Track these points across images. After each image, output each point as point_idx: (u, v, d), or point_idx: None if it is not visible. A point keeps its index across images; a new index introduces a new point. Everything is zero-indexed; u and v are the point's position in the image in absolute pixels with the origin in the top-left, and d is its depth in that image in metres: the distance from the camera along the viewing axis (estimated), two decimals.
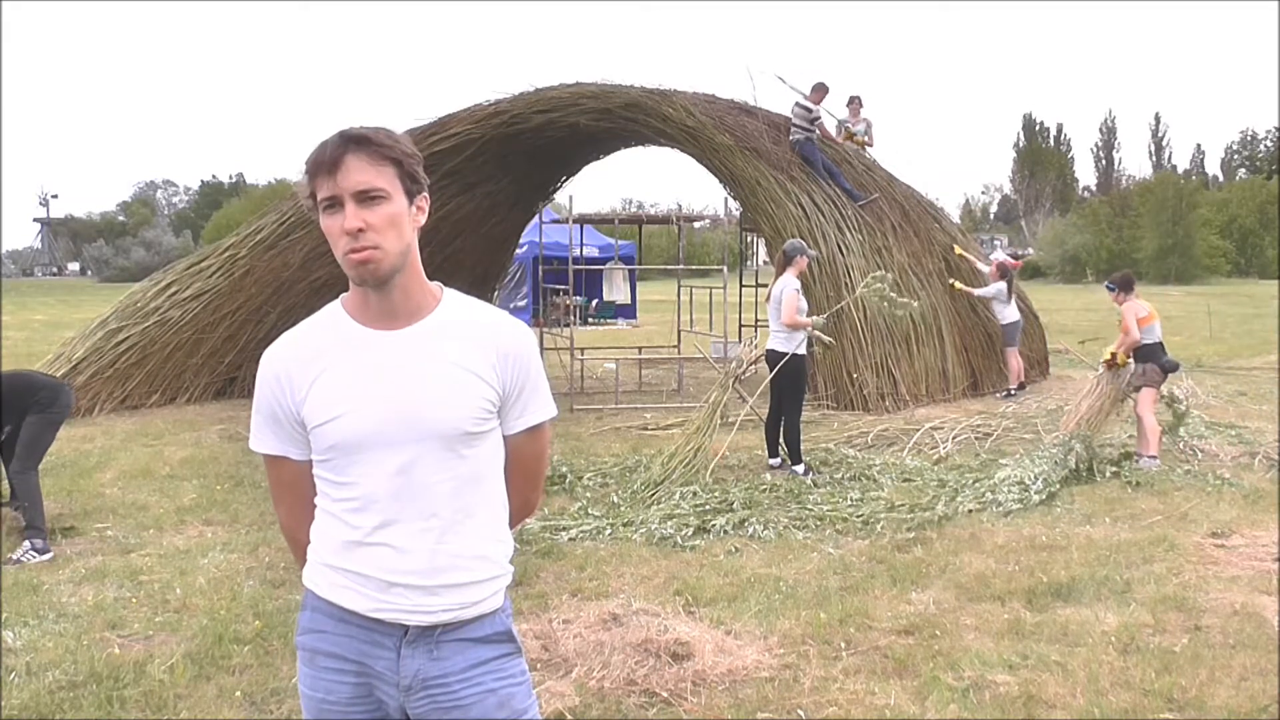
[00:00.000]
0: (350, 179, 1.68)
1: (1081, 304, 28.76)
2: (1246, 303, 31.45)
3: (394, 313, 1.76)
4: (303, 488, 1.84)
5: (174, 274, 11.66)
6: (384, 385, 1.73)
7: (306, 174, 1.72)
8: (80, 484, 7.24)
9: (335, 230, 1.70)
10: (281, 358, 1.78)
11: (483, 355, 1.78)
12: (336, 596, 1.76)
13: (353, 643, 1.76)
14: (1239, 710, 3.57)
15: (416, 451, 1.73)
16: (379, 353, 1.75)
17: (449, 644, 1.77)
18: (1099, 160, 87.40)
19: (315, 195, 1.72)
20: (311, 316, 1.83)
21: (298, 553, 1.91)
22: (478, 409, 1.77)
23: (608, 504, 6.53)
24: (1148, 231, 53.72)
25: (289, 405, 1.76)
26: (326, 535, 1.78)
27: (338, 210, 1.69)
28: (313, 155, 1.71)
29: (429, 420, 1.73)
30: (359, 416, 1.72)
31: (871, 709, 3.61)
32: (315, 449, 1.77)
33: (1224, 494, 6.74)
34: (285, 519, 1.91)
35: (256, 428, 1.82)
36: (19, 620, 4.53)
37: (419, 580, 1.73)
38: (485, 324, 1.82)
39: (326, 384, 1.74)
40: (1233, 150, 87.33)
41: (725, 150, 11.62)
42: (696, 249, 50.58)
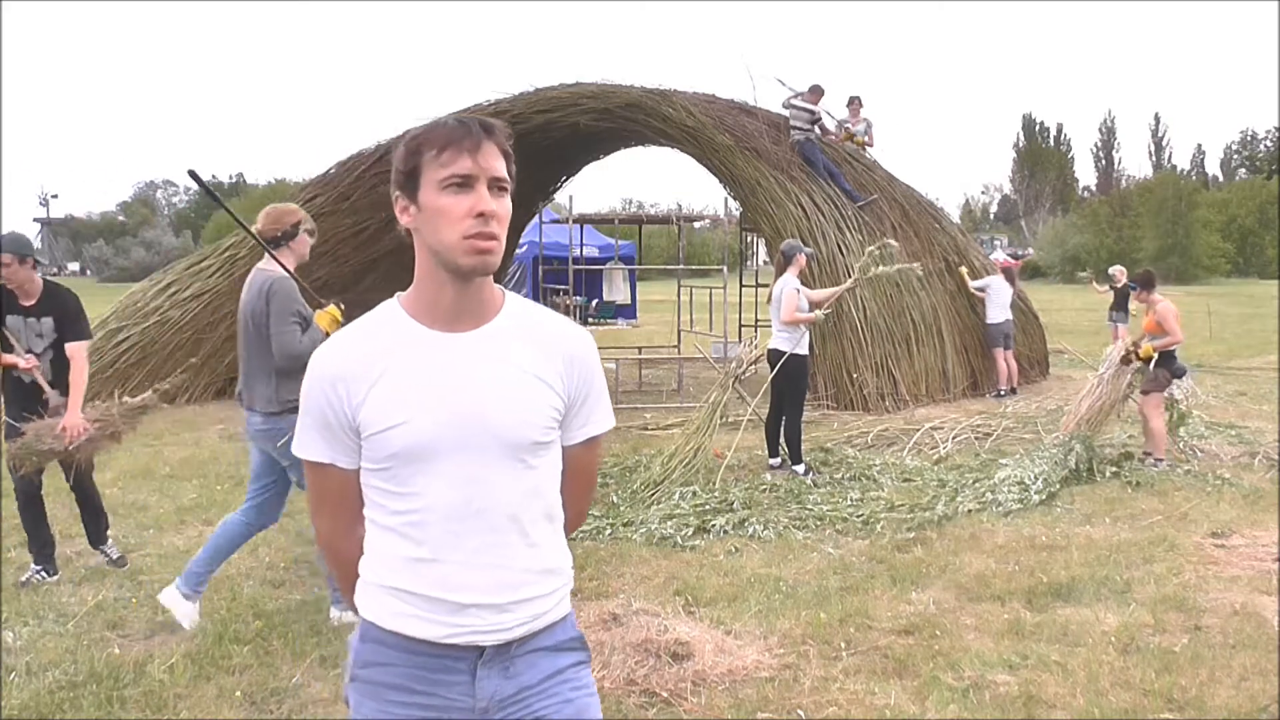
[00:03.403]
0: (490, 163, 1.64)
1: (1081, 304, 28.77)
2: (1246, 303, 31.46)
3: (464, 313, 1.66)
4: (347, 498, 1.72)
5: (174, 274, 11.67)
6: (449, 391, 1.63)
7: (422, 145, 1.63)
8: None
9: (459, 210, 1.60)
10: (336, 359, 1.66)
11: (549, 361, 1.70)
12: (402, 626, 1.64)
13: (422, 673, 1.65)
14: (1239, 710, 3.57)
15: (484, 461, 1.63)
16: (444, 356, 1.65)
17: (523, 658, 1.68)
18: (1099, 160, 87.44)
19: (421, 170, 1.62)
20: (367, 315, 1.71)
21: (338, 566, 1.79)
22: (547, 417, 1.69)
23: (607, 504, 6.53)
24: (1148, 231, 53.74)
25: (343, 410, 1.64)
26: (382, 553, 1.67)
27: (466, 190, 1.61)
28: (441, 131, 1.63)
29: (498, 428, 1.64)
30: (422, 423, 1.61)
31: (871, 709, 3.61)
32: (371, 458, 1.65)
33: (1224, 494, 6.74)
34: (326, 530, 1.77)
35: (303, 431, 1.69)
36: (19, 620, 4.53)
37: (491, 599, 1.63)
38: (551, 329, 1.74)
39: (387, 388, 1.63)
40: (1233, 150, 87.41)
41: (725, 150, 11.63)
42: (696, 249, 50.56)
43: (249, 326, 4.28)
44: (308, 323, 4.25)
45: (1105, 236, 55.51)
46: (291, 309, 4.20)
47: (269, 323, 4.18)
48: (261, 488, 4.50)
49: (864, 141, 13.16)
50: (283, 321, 4.18)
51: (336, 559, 1.79)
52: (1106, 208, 59.76)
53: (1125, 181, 75.23)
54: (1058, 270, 54.77)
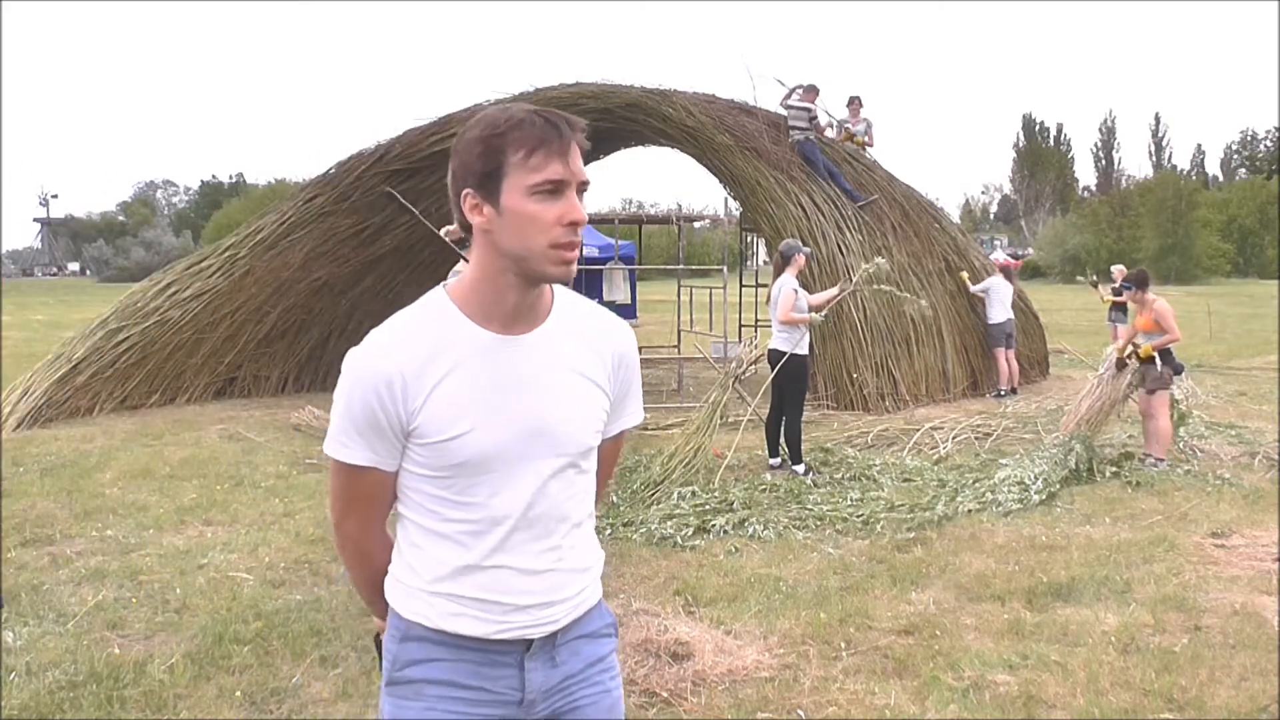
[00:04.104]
0: (579, 168, 1.54)
1: (1081, 304, 28.75)
2: (1246, 303, 31.46)
3: (525, 315, 1.61)
4: (382, 500, 1.66)
5: (174, 274, 11.65)
6: (513, 399, 1.58)
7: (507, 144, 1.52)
8: (80, 484, 7.24)
9: (549, 218, 1.52)
10: (391, 358, 1.55)
11: (599, 360, 1.69)
12: (453, 625, 1.62)
13: (470, 667, 1.63)
14: (1239, 710, 3.57)
15: (544, 470, 1.61)
16: (506, 362, 1.59)
17: (566, 646, 1.69)
18: (1099, 160, 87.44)
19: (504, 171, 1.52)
20: (413, 311, 1.62)
21: (366, 570, 1.73)
22: (599, 420, 1.70)
23: (607, 504, 6.52)
24: (1148, 231, 53.76)
25: (398, 412, 1.56)
26: (432, 560, 1.62)
27: (555, 197, 1.53)
28: (532, 130, 1.52)
29: (560, 436, 1.62)
30: (487, 434, 1.57)
31: (871, 709, 3.61)
32: (429, 464, 1.59)
33: (1224, 494, 6.74)
34: (356, 533, 1.69)
35: (345, 435, 1.58)
36: (19, 620, 4.53)
37: (544, 598, 1.64)
38: (599, 325, 1.71)
39: (449, 394, 1.56)
40: (1233, 150, 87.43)
41: (725, 150, 11.63)
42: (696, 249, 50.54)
43: None
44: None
45: (1105, 236, 55.52)
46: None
47: None
48: None
49: (864, 141, 13.16)
50: None
51: (365, 563, 1.73)
52: (1106, 208, 59.79)
53: (1125, 181, 75.23)
54: (1058, 270, 54.76)
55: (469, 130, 1.57)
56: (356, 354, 1.58)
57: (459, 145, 1.58)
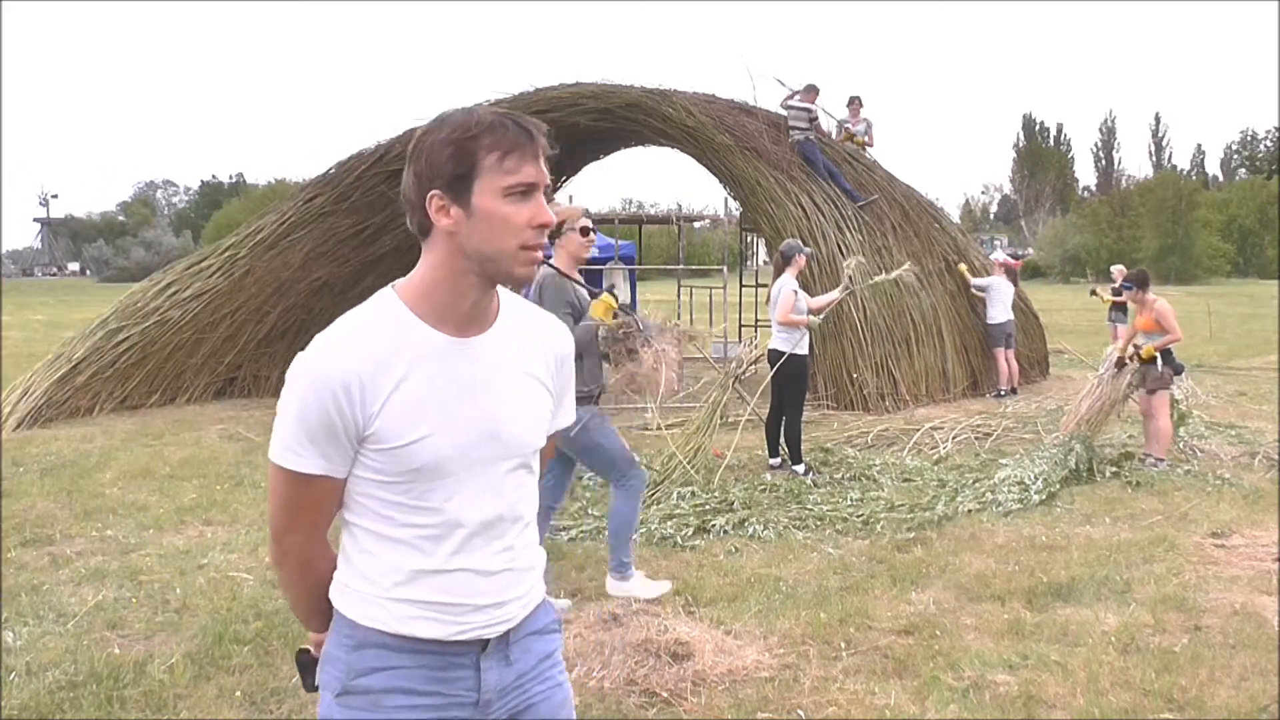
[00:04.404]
0: (545, 169, 1.57)
1: (1081, 304, 28.75)
2: (1246, 303, 31.47)
3: (479, 317, 1.62)
4: (330, 509, 1.63)
5: (174, 274, 11.66)
6: (468, 400, 1.59)
7: (480, 147, 1.53)
8: (80, 484, 7.24)
9: (521, 220, 1.55)
10: (348, 361, 1.53)
11: (543, 361, 1.71)
12: (410, 628, 1.60)
13: (425, 672, 1.62)
14: (1239, 710, 3.57)
15: (500, 472, 1.63)
16: (461, 364, 1.59)
17: (518, 644, 1.71)
18: (1099, 160, 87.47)
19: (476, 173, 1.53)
20: (364, 312, 1.60)
21: (308, 581, 1.69)
22: (546, 421, 1.72)
23: (608, 504, 6.52)
24: (1148, 231, 53.78)
25: (356, 418, 1.53)
26: (387, 566, 1.60)
27: (525, 200, 1.55)
28: (506, 134, 1.54)
29: (513, 438, 1.64)
30: (446, 436, 1.56)
31: (871, 709, 3.61)
32: (385, 470, 1.57)
33: (1224, 494, 6.74)
34: (301, 544, 1.65)
35: (296, 442, 1.55)
36: (19, 620, 4.53)
37: (499, 598, 1.65)
38: (540, 325, 1.74)
39: (407, 397, 1.54)
40: (1233, 150, 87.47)
41: (725, 150, 11.63)
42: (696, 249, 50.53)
43: None
44: (580, 314, 4.52)
45: (1105, 236, 55.54)
46: (562, 300, 4.48)
47: None
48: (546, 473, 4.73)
49: (864, 141, 13.16)
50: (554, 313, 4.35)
51: (307, 576, 1.69)
52: (1106, 208, 59.81)
53: (1125, 181, 75.27)
54: (1058, 270, 54.77)
55: (434, 133, 1.56)
56: (309, 357, 1.55)
57: (423, 147, 1.57)
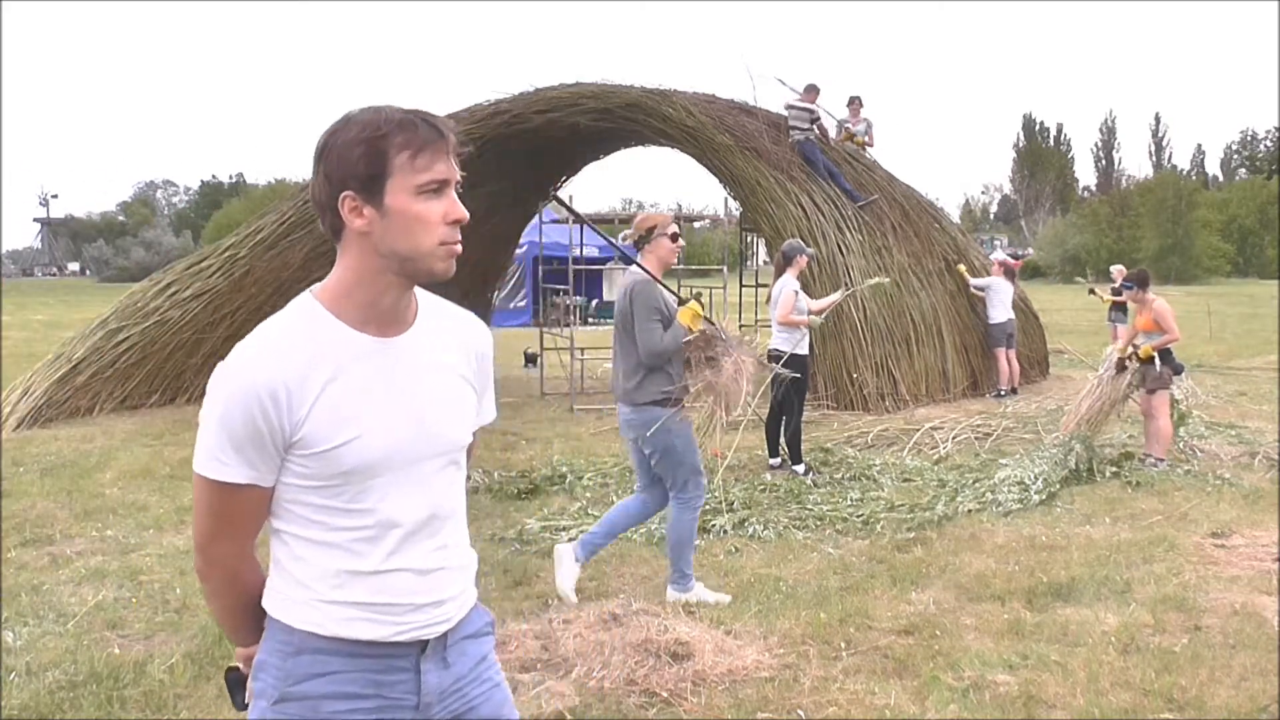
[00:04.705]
0: (456, 164, 1.58)
1: (1081, 304, 28.74)
2: (1246, 303, 31.46)
3: (396, 317, 1.62)
4: (257, 518, 1.61)
5: (174, 274, 11.65)
6: (395, 400, 1.59)
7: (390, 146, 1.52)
8: (80, 484, 7.24)
9: (436, 216, 1.55)
10: (273, 368, 1.52)
11: (465, 358, 1.71)
12: (348, 630, 1.59)
13: (365, 675, 1.61)
14: (1239, 710, 3.57)
15: (430, 470, 1.63)
16: (386, 364, 1.59)
17: (455, 646, 1.70)
18: (1099, 160, 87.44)
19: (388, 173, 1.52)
20: (284, 317, 1.59)
21: (236, 593, 1.66)
22: (472, 417, 1.73)
23: (608, 504, 6.52)
24: (1148, 231, 53.77)
25: (283, 425, 1.52)
26: (321, 570, 1.58)
27: (439, 196, 1.55)
28: (416, 131, 1.53)
29: (443, 435, 1.64)
30: (377, 438, 1.56)
31: (871, 709, 3.61)
32: (314, 474, 1.56)
33: (1224, 494, 6.74)
34: (228, 555, 1.62)
35: (221, 451, 1.52)
36: (19, 620, 4.53)
37: (435, 597, 1.65)
38: (461, 323, 1.75)
39: (333, 401, 1.54)
40: (1233, 150, 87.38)
41: (725, 150, 11.63)
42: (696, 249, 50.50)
43: (619, 325, 4.66)
44: (669, 320, 4.53)
45: (1105, 236, 55.53)
46: (652, 307, 4.50)
47: (633, 322, 4.51)
48: (646, 482, 4.88)
49: (864, 141, 13.16)
50: (646, 319, 4.49)
51: (234, 588, 1.66)
52: (1106, 208, 59.79)
53: (1125, 181, 75.24)
54: (1058, 270, 54.75)
55: (342, 133, 1.55)
56: (231, 366, 1.54)
57: (332, 147, 1.55)
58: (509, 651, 3.99)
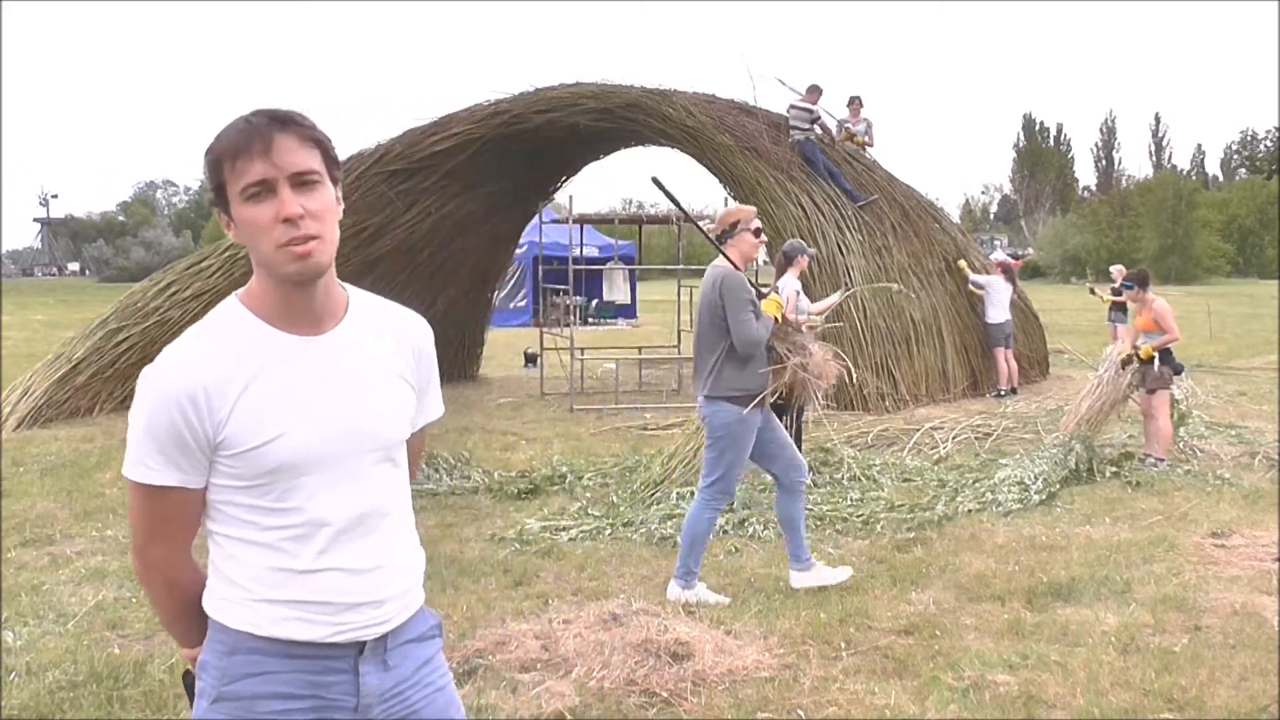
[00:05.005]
0: (285, 159, 1.51)
1: (1081, 304, 28.74)
2: (1246, 303, 31.46)
3: (315, 314, 1.60)
4: (190, 519, 1.62)
5: (174, 274, 11.65)
6: (322, 399, 1.58)
7: (218, 158, 1.52)
8: (80, 484, 7.24)
9: (266, 219, 1.51)
10: (192, 373, 1.53)
11: (402, 356, 1.70)
12: (283, 630, 1.58)
13: (303, 676, 1.60)
14: (1239, 710, 3.57)
15: (360, 467, 1.61)
16: (309, 361, 1.58)
17: (397, 650, 1.68)
18: (1099, 160, 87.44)
19: (225, 184, 1.53)
20: (207, 322, 1.61)
21: (174, 597, 1.67)
22: (408, 413, 1.71)
23: (608, 504, 6.53)
24: (1148, 231, 53.77)
25: (204, 428, 1.53)
26: (253, 569, 1.58)
27: (267, 197, 1.51)
28: (228, 138, 1.52)
29: (373, 432, 1.63)
30: (302, 435, 1.55)
31: (871, 709, 3.61)
32: (240, 475, 1.56)
33: (1224, 494, 6.74)
34: (164, 559, 1.63)
35: (147, 456, 1.54)
36: (19, 620, 4.53)
37: (372, 597, 1.63)
38: (398, 322, 1.73)
39: (255, 401, 1.54)
40: (1233, 150, 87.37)
41: (725, 150, 11.63)
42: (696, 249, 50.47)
43: (703, 318, 4.71)
44: (759, 311, 4.58)
45: (1105, 236, 55.51)
46: (744, 299, 4.55)
47: (724, 313, 4.56)
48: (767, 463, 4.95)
49: (864, 141, 13.15)
50: (739, 311, 4.54)
51: (172, 591, 1.67)
52: (1106, 208, 59.77)
53: (1125, 181, 75.24)
54: (1058, 270, 54.74)
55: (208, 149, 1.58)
56: (154, 371, 1.56)
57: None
58: (509, 651, 4.00)
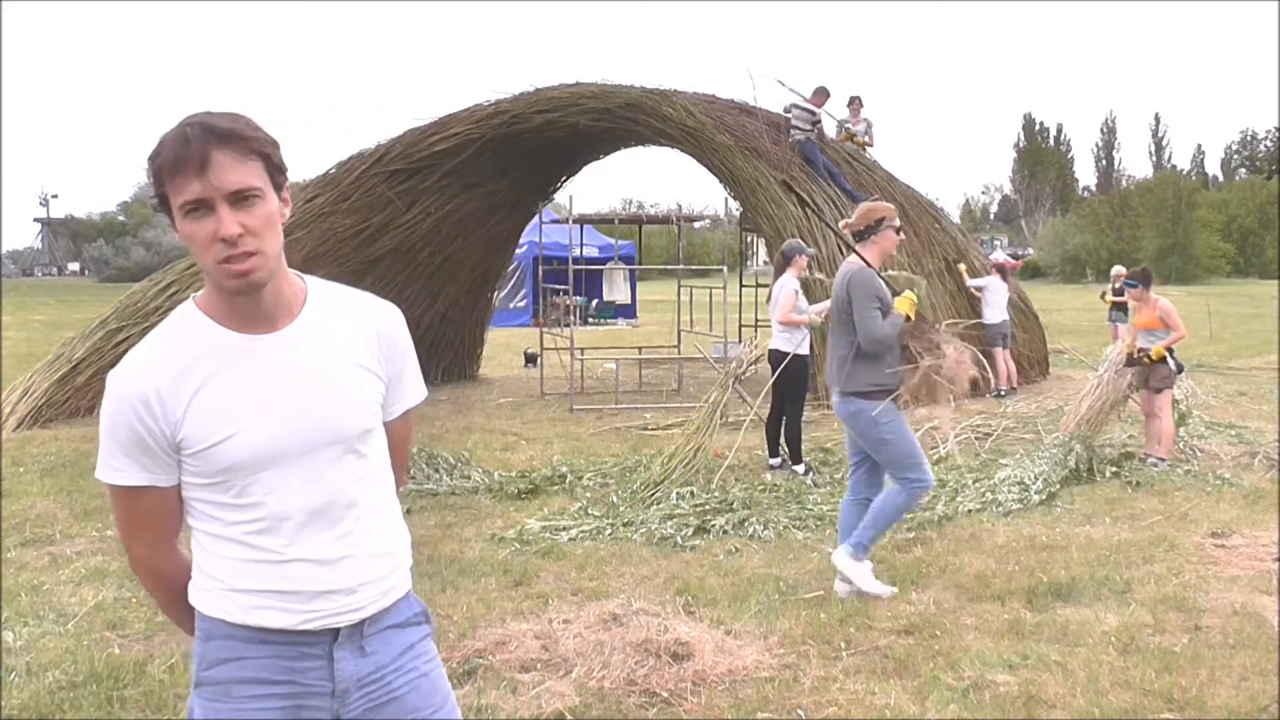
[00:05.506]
0: (223, 178, 1.51)
1: (1081, 304, 28.75)
2: (1246, 303, 31.46)
3: (266, 314, 1.62)
4: (167, 516, 1.67)
5: (174, 274, 11.64)
6: (275, 395, 1.60)
7: (157, 172, 1.53)
8: (80, 484, 7.24)
9: (204, 237, 1.52)
10: (144, 376, 1.58)
11: (366, 346, 1.71)
12: (256, 619, 1.62)
13: (278, 662, 1.64)
14: (1239, 710, 3.57)
15: (320, 460, 1.63)
16: (261, 360, 1.61)
17: (375, 636, 1.71)
18: (1099, 160, 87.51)
19: (168, 197, 1.54)
20: (164, 326, 1.64)
21: (161, 589, 1.75)
22: (372, 404, 1.71)
23: (608, 504, 6.53)
24: (1148, 231, 53.82)
25: (161, 429, 1.58)
26: (223, 560, 1.63)
27: (205, 214, 1.52)
28: (167, 152, 1.52)
29: (331, 425, 1.64)
30: (256, 432, 1.58)
31: (871, 709, 3.61)
32: (200, 473, 1.61)
33: (1224, 494, 6.74)
34: (146, 554, 1.71)
35: (113, 457, 1.61)
36: (19, 620, 4.53)
37: (341, 584, 1.65)
38: (361, 311, 1.74)
39: (209, 401, 1.58)
40: (1233, 150, 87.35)
41: (725, 150, 11.63)
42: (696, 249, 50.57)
43: (835, 313, 4.73)
44: (888, 308, 4.56)
45: (1105, 236, 55.56)
46: (871, 295, 4.55)
47: (850, 309, 4.56)
48: (857, 463, 4.89)
49: (864, 142, 13.15)
50: (865, 307, 4.53)
51: (158, 582, 1.74)
52: (1106, 208, 59.84)
53: (1125, 181, 75.29)
54: (1057, 270, 54.76)
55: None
56: (114, 377, 1.61)
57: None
58: (509, 651, 4.00)
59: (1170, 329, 7.56)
